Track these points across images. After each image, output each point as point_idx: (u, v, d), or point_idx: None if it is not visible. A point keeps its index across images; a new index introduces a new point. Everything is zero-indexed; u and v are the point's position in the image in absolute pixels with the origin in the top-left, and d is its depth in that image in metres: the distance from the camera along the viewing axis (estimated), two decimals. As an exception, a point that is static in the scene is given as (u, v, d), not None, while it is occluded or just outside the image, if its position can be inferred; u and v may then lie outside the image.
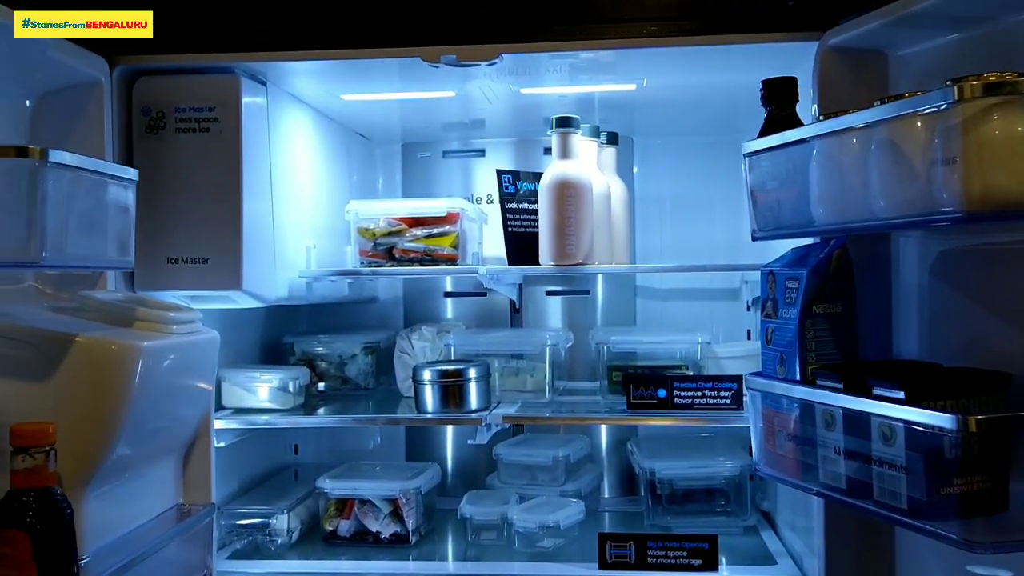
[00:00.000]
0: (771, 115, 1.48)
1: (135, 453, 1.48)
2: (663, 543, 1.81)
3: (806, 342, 1.36)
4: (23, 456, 1.20)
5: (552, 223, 1.89)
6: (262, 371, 2.06)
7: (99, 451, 1.38)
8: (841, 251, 1.41)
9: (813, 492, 1.35)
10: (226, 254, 1.70)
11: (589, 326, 2.37)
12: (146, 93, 1.70)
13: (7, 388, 1.35)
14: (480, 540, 2.03)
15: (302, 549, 2.04)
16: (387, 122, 2.36)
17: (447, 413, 1.94)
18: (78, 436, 1.31)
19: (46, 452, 1.21)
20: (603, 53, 1.66)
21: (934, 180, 1.06)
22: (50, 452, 1.21)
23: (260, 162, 1.79)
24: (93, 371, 1.36)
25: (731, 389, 1.85)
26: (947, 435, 1.06)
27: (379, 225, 2.03)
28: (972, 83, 1.03)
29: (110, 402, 1.37)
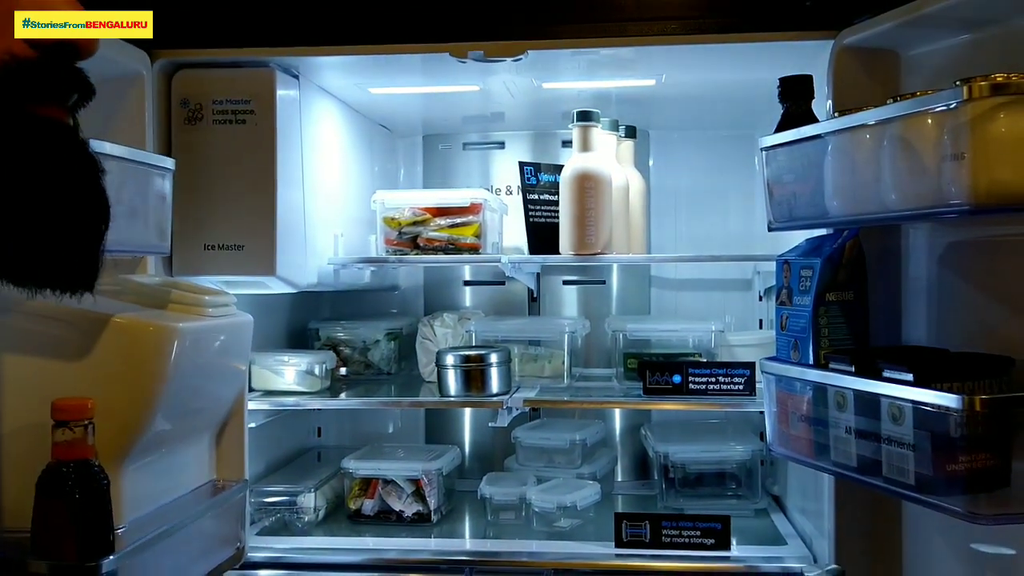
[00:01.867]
0: (788, 111, 1.53)
1: (171, 430, 1.54)
2: (677, 523, 1.88)
3: (819, 328, 1.42)
4: (63, 429, 1.25)
5: (572, 214, 1.96)
6: (290, 355, 2.13)
7: (136, 427, 1.43)
8: (854, 242, 1.46)
9: (825, 470, 1.42)
10: (261, 241, 1.76)
11: (604, 315, 2.43)
12: (185, 86, 1.77)
13: (50, 366, 1.40)
14: (499, 520, 2.09)
15: (328, 527, 2.11)
16: (409, 114, 2.42)
17: (469, 396, 2.01)
18: (116, 412, 1.36)
19: (84, 426, 1.26)
20: (624, 50, 1.71)
21: (943, 175, 1.12)
22: (88, 426, 1.27)
23: (292, 152, 1.85)
24: (131, 350, 1.41)
25: (744, 375, 1.91)
26: (953, 414, 1.12)
27: (404, 215, 2.09)
28: (980, 83, 1.09)
29: (147, 380, 1.42)
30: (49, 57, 0.62)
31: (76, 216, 0.65)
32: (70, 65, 0.65)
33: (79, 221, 0.65)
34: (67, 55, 0.64)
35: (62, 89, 0.64)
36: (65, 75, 0.64)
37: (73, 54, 0.64)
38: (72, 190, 0.65)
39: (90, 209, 0.66)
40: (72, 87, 0.65)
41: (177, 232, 1.75)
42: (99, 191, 0.66)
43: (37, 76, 0.62)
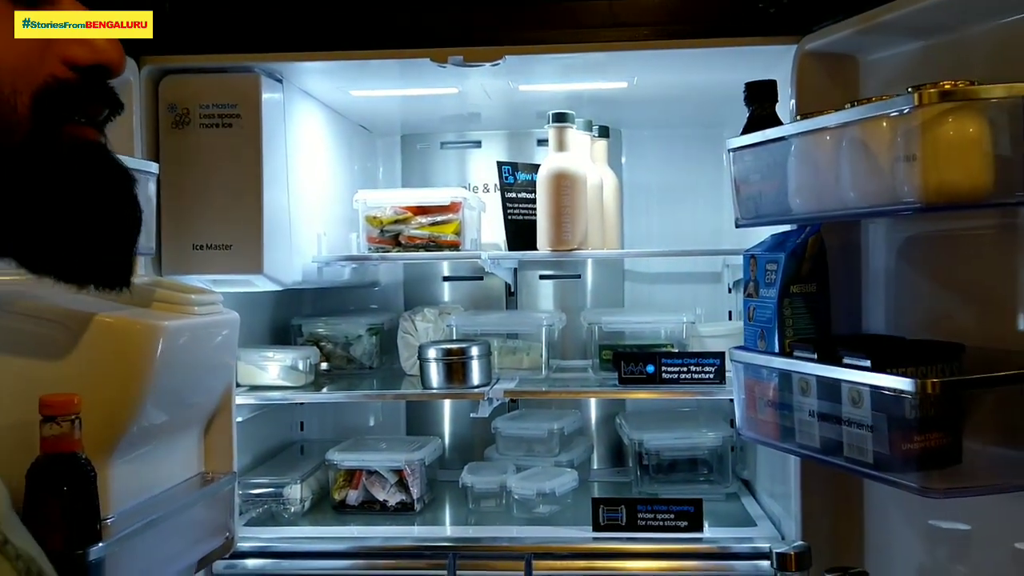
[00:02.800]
0: (753, 114, 1.60)
1: (159, 424, 1.58)
2: (651, 506, 1.95)
3: (784, 318, 1.50)
4: (51, 424, 1.29)
5: (549, 211, 2.03)
6: (274, 351, 2.18)
7: (122, 422, 1.47)
8: (816, 237, 1.54)
9: (791, 452, 1.50)
10: (248, 240, 1.82)
11: (580, 308, 2.50)
12: (172, 91, 1.81)
13: (38, 364, 1.43)
14: (480, 507, 2.16)
15: (314, 517, 2.16)
16: (388, 115, 2.47)
17: (451, 388, 2.07)
18: (103, 408, 1.40)
19: (72, 421, 1.30)
20: (598, 55, 1.77)
21: (897, 175, 1.19)
22: (75, 420, 1.30)
23: (277, 154, 1.90)
24: (117, 348, 1.45)
25: (714, 365, 1.99)
26: (907, 397, 1.19)
27: (386, 213, 2.15)
28: (930, 90, 1.16)
29: (132, 377, 1.46)
30: (87, 78, 0.67)
31: (116, 223, 0.71)
32: (104, 84, 0.70)
33: (118, 227, 0.71)
34: (101, 75, 0.68)
35: (98, 107, 0.69)
36: (100, 94, 0.69)
37: (106, 74, 0.68)
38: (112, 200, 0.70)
39: (127, 216, 0.72)
40: (106, 104, 0.70)
41: (166, 233, 1.81)
42: (134, 200, 0.72)
43: (78, 97, 0.66)
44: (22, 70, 0.63)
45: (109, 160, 0.69)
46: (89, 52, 0.67)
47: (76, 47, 0.66)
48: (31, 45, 0.63)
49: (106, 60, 0.68)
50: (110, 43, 0.68)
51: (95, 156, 0.69)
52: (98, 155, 0.69)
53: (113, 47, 0.68)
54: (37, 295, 1.51)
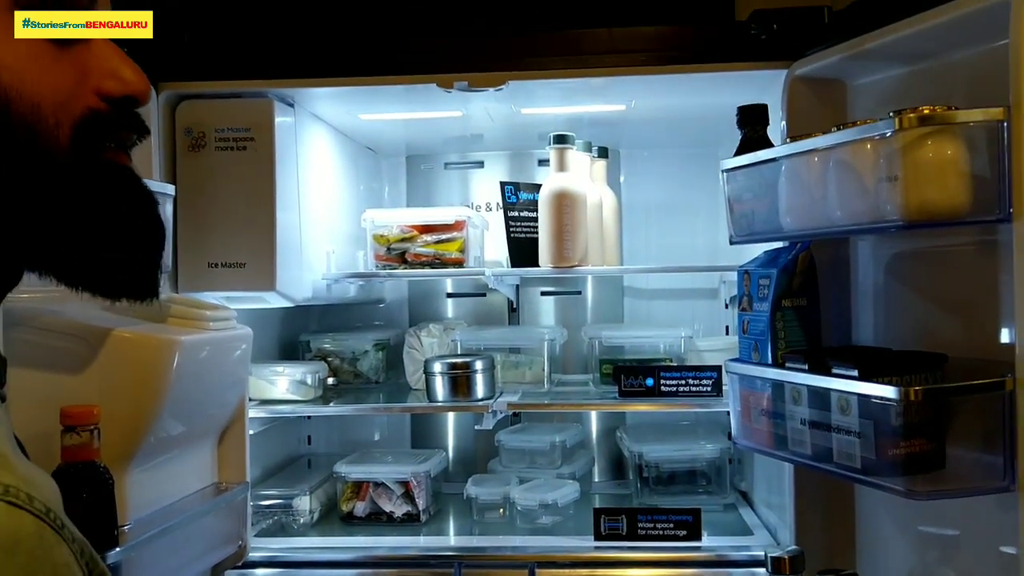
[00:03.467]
0: (745, 136, 1.67)
1: (175, 435, 1.64)
2: (651, 516, 1.99)
3: (777, 331, 1.56)
4: (71, 434, 1.35)
5: (551, 230, 2.10)
6: (284, 365, 2.24)
7: (139, 432, 1.53)
8: (806, 253, 1.60)
9: (784, 459, 1.56)
10: (261, 259, 1.88)
11: (580, 324, 2.56)
12: (189, 115, 1.89)
13: (58, 377, 1.50)
14: (484, 518, 2.21)
15: (322, 528, 2.22)
16: (394, 137, 2.55)
17: (457, 401, 2.13)
18: (121, 419, 1.46)
19: (91, 430, 1.36)
20: (598, 80, 1.84)
21: (880, 194, 1.27)
22: (94, 431, 1.37)
23: (289, 175, 1.97)
24: (134, 362, 1.52)
25: (712, 377, 2.05)
26: (891, 404, 1.26)
27: (392, 232, 2.22)
28: (909, 115, 1.23)
29: (149, 389, 1.52)
30: (118, 108, 0.72)
31: (145, 240, 0.77)
32: (133, 113, 0.75)
33: (147, 244, 0.78)
34: (130, 105, 0.73)
35: (128, 134, 0.74)
36: (130, 122, 0.74)
37: (135, 103, 0.74)
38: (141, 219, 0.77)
39: (154, 234, 0.78)
40: (135, 131, 0.76)
41: (183, 251, 1.87)
42: (159, 219, 0.79)
43: (111, 125, 0.71)
44: (63, 104, 0.68)
45: (138, 183, 0.76)
46: (120, 85, 0.71)
47: (108, 81, 0.71)
48: (71, 81, 0.69)
49: (134, 91, 0.73)
50: (138, 76, 0.73)
51: (127, 179, 0.75)
52: (129, 178, 0.75)
53: (140, 79, 0.73)
54: (57, 311, 1.57)
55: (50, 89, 0.67)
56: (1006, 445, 1.25)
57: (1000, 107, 1.22)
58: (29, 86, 0.65)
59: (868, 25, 1.51)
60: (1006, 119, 1.22)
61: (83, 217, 0.71)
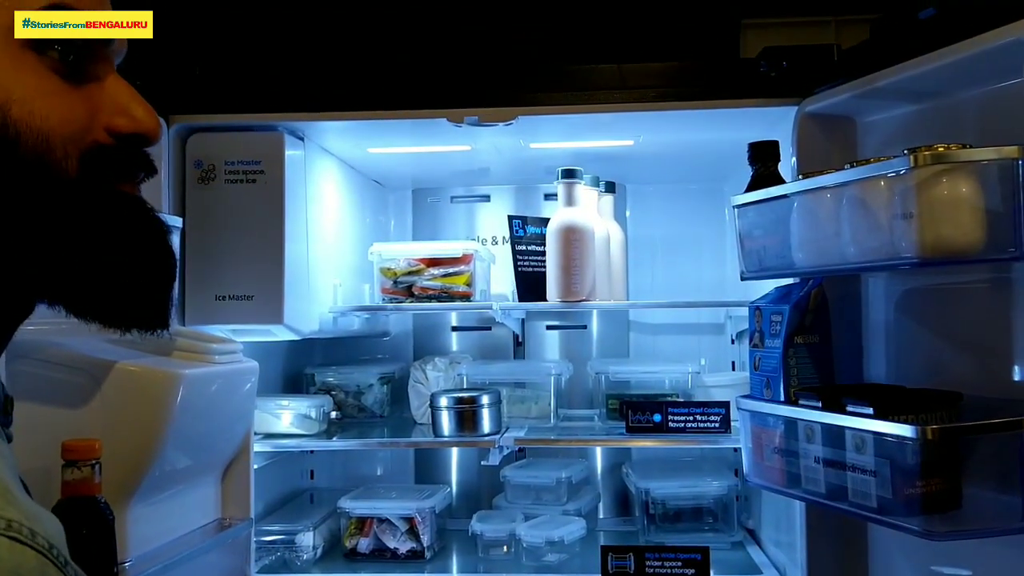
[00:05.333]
0: (757, 172, 1.68)
1: (178, 469, 1.63)
2: (660, 554, 1.96)
3: (789, 368, 1.56)
4: (72, 468, 1.34)
5: (559, 264, 2.10)
6: (289, 399, 2.23)
7: (142, 467, 1.51)
8: (818, 290, 1.61)
9: (797, 497, 1.55)
10: (269, 292, 1.88)
11: (585, 358, 2.55)
12: (199, 148, 1.89)
13: (61, 409, 1.49)
14: (490, 555, 2.19)
15: (325, 564, 2.20)
16: (401, 171, 2.56)
17: (463, 436, 2.12)
18: (123, 453, 1.45)
19: (92, 465, 1.35)
20: (606, 115, 1.85)
21: (895, 231, 1.27)
22: (95, 465, 1.35)
23: (298, 208, 1.98)
24: (137, 395, 1.51)
25: (720, 414, 2.04)
26: (908, 443, 1.26)
27: (399, 265, 2.23)
28: (924, 153, 1.24)
29: (152, 423, 1.51)
30: (127, 145, 0.73)
31: (156, 270, 0.77)
32: (140, 151, 0.75)
33: (159, 274, 0.78)
34: (139, 143, 0.74)
35: (135, 170, 0.75)
36: (137, 159, 0.75)
37: (144, 142, 0.75)
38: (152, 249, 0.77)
39: (165, 264, 0.78)
40: (142, 168, 0.76)
41: (190, 284, 1.87)
42: (170, 249, 0.79)
43: (119, 160, 0.73)
44: (73, 137, 0.69)
45: (148, 212, 0.76)
46: (130, 122, 0.73)
47: (118, 118, 0.72)
48: (81, 116, 0.70)
49: (143, 130, 0.74)
50: (148, 114, 0.74)
51: (136, 208, 0.75)
52: (139, 207, 0.75)
53: (150, 118, 0.74)
54: (62, 343, 1.56)
55: (60, 122, 0.68)
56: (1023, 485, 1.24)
57: (1015, 146, 1.23)
58: (39, 120, 0.67)
59: (878, 64, 1.52)
60: (1020, 157, 1.23)
61: (92, 245, 0.71)
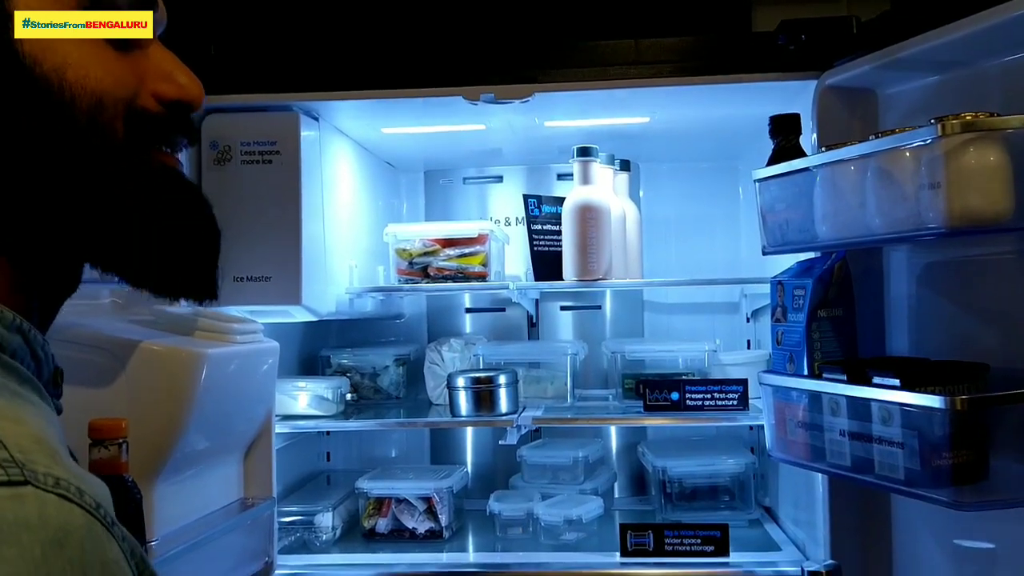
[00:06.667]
0: (778, 146, 1.68)
1: (202, 449, 1.63)
2: (679, 532, 1.98)
3: (812, 342, 1.56)
4: (99, 447, 1.34)
5: (576, 243, 2.09)
6: (305, 381, 2.24)
7: (167, 446, 1.52)
8: (842, 263, 1.60)
9: (822, 471, 1.55)
10: (287, 272, 1.88)
11: (600, 339, 2.56)
12: (214, 129, 1.89)
13: (86, 389, 1.49)
14: (507, 534, 2.20)
15: (344, 545, 2.21)
16: (413, 152, 2.55)
17: (480, 416, 2.13)
18: (148, 432, 1.45)
19: (119, 444, 1.35)
20: (623, 91, 1.84)
21: (921, 202, 1.26)
22: (123, 444, 1.36)
23: (314, 189, 1.97)
24: (162, 375, 1.52)
25: (737, 391, 2.05)
26: (936, 414, 1.26)
27: (415, 246, 2.22)
28: (952, 121, 1.24)
29: (177, 402, 1.52)
30: (171, 112, 0.73)
31: (204, 239, 0.78)
32: (186, 117, 0.76)
33: (207, 243, 0.78)
34: (184, 110, 0.75)
35: (178, 136, 0.76)
36: (182, 125, 0.75)
37: (188, 108, 0.75)
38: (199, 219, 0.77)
39: (212, 233, 0.79)
40: (184, 134, 0.76)
41: (208, 265, 1.87)
42: (214, 220, 0.79)
43: (164, 127, 0.73)
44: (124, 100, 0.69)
45: (190, 184, 0.77)
46: (175, 88, 0.73)
47: (164, 84, 0.73)
48: (131, 80, 0.70)
49: (189, 96, 0.74)
50: (192, 81, 0.75)
51: (180, 179, 0.76)
52: (182, 179, 0.76)
53: (194, 85, 0.75)
54: (84, 324, 1.56)
55: (112, 85, 0.68)
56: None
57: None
58: (93, 82, 0.67)
59: (899, 34, 1.51)
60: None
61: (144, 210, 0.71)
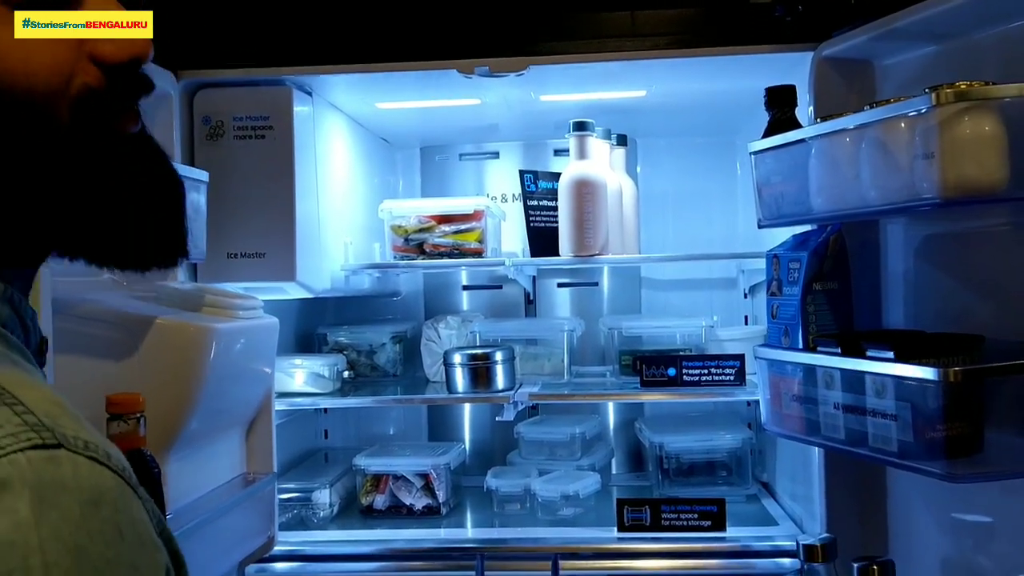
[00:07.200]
0: (774, 118, 1.66)
1: (208, 424, 1.64)
2: (675, 507, 1.99)
3: (807, 315, 1.56)
4: (118, 422, 1.35)
5: (572, 218, 2.09)
6: (302, 358, 2.25)
7: (179, 420, 1.54)
8: (837, 235, 1.60)
9: (816, 444, 1.55)
10: (281, 249, 1.88)
11: (597, 316, 2.56)
12: (206, 104, 1.89)
13: (100, 364, 1.50)
14: (505, 510, 2.21)
15: (342, 521, 2.22)
16: (408, 128, 2.55)
17: (477, 392, 2.13)
18: (161, 407, 1.45)
19: (137, 418, 1.36)
20: (618, 64, 1.83)
21: (916, 172, 1.26)
22: (140, 418, 1.37)
23: (308, 165, 1.97)
24: (174, 349, 1.53)
25: (734, 366, 2.05)
26: (930, 386, 1.25)
27: (411, 222, 2.22)
28: (946, 91, 1.23)
29: (189, 376, 1.53)
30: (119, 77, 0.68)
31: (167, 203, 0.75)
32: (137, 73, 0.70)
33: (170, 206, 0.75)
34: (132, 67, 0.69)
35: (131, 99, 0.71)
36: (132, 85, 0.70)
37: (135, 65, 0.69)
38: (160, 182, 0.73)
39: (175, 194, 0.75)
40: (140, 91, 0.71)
41: (202, 241, 1.87)
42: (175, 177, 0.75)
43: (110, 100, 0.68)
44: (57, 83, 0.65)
45: (148, 145, 0.73)
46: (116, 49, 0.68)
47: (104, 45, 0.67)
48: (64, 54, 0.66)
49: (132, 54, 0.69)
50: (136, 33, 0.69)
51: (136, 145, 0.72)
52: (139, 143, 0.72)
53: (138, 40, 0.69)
54: (97, 299, 1.57)
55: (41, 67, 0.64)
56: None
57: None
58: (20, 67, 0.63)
59: (895, 5, 1.50)
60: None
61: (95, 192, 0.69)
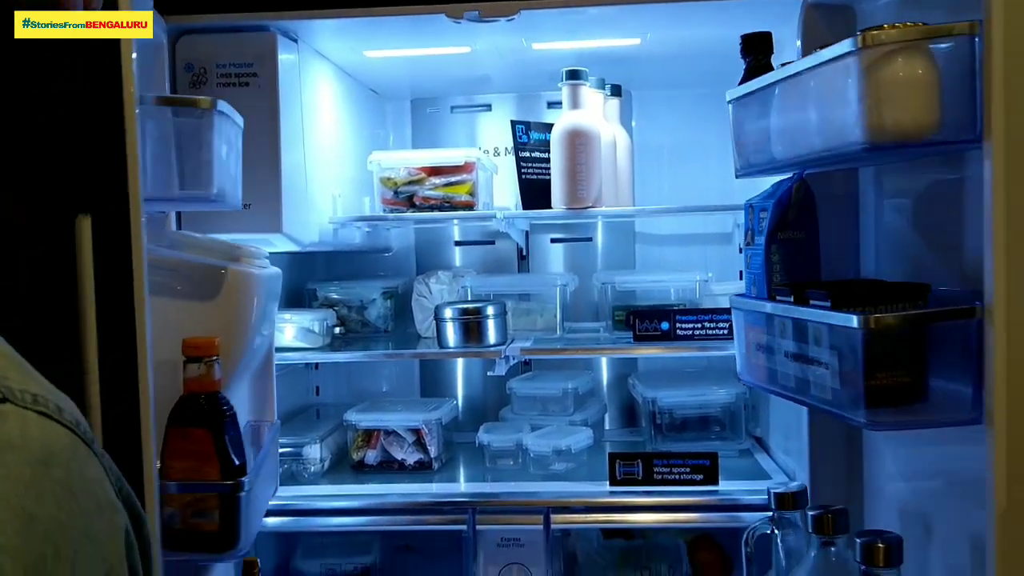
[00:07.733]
0: (749, 66, 1.82)
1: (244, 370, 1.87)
2: (668, 460, 2.17)
3: (772, 264, 1.72)
4: (197, 364, 1.54)
5: (564, 169, 2.27)
6: (291, 313, 2.45)
7: (234, 363, 1.74)
8: (800, 184, 1.74)
9: (775, 392, 1.73)
10: (267, 200, 2.04)
11: (591, 271, 2.73)
12: (189, 51, 2.02)
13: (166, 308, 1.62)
14: (497, 465, 2.42)
15: (333, 476, 2.43)
16: (398, 79, 2.71)
17: (468, 347, 2.32)
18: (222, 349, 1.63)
19: (213, 362, 1.55)
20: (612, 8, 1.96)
21: (847, 117, 1.39)
22: (215, 361, 1.56)
23: (293, 114, 2.13)
24: (231, 294, 1.74)
25: (727, 320, 2.18)
26: (853, 332, 1.37)
27: (400, 174, 2.42)
28: (872, 33, 1.35)
29: (241, 320, 1.76)
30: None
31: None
32: None
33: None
34: None
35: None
36: None
37: None
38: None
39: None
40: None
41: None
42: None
43: None
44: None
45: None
46: None
47: None
48: None
49: None
50: None
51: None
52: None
53: None
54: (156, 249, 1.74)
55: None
56: (974, 376, 1.35)
57: (965, 22, 1.30)
58: None
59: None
60: (976, 34, 1.28)
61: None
